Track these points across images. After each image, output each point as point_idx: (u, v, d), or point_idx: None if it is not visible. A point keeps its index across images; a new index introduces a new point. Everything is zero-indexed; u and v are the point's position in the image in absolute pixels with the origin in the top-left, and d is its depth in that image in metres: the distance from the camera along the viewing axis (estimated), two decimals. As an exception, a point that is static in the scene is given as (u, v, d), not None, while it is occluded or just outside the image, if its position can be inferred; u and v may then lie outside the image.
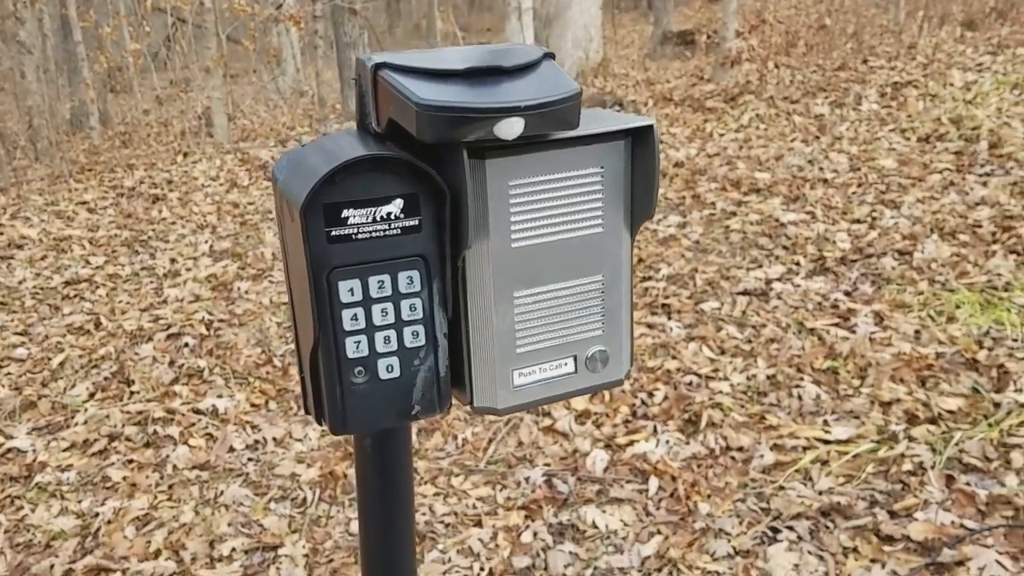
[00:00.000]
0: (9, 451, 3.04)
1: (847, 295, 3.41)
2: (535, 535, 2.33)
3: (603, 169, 0.79)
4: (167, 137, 8.90)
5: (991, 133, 4.76)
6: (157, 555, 2.44)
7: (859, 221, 4.08)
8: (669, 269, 3.86)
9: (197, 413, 3.17)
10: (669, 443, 2.63)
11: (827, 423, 2.62)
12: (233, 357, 3.58)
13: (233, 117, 8.90)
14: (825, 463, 2.45)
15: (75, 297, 4.50)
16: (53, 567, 2.42)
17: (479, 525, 2.40)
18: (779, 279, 3.63)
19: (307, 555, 2.38)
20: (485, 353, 0.80)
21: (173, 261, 4.92)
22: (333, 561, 2.35)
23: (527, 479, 2.56)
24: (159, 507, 2.66)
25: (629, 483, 2.49)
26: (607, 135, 0.78)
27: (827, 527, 2.21)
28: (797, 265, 3.74)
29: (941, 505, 2.21)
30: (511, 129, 0.68)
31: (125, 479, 2.81)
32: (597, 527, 2.33)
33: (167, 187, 6.67)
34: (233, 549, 2.43)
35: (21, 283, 4.74)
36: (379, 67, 0.72)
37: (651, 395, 2.88)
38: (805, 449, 2.52)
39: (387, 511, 0.92)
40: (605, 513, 2.37)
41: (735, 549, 2.18)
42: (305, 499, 2.62)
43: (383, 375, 0.77)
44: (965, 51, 6.91)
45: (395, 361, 0.78)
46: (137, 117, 9.90)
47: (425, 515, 2.46)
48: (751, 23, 7.97)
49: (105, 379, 3.50)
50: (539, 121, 0.70)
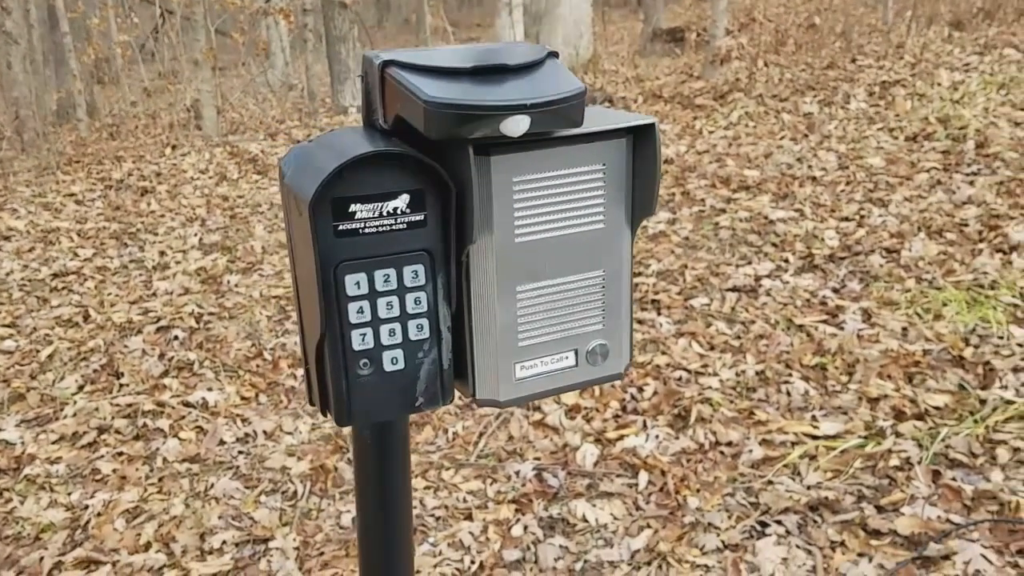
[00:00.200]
0: (-2, 443, 3.04)
1: (835, 292, 3.44)
2: (525, 528, 2.34)
3: (605, 166, 0.80)
4: (155, 129, 8.86)
5: (978, 133, 4.80)
6: (147, 548, 2.44)
7: (847, 219, 4.11)
8: (659, 265, 3.88)
9: (187, 406, 3.17)
10: (659, 438, 2.64)
11: (815, 419, 2.64)
12: (223, 350, 3.58)
13: (222, 110, 8.86)
14: (813, 458, 2.47)
15: (63, 289, 4.48)
16: (43, 559, 2.41)
17: (470, 518, 2.42)
18: (768, 276, 3.65)
19: (298, 548, 2.39)
20: (488, 346, 0.81)
21: (162, 254, 4.91)
22: (324, 554, 2.35)
23: (517, 473, 2.58)
24: (149, 500, 2.66)
25: (619, 477, 2.51)
26: (609, 133, 0.79)
27: (815, 521, 2.23)
28: (786, 262, 3.76)
29: (927, 500, 2.24)
30: (517, 126, 0.70)
31: (115, 472, 2.81)
32: (587, 521, 2.35)
33: (156, 180, 6.64)
34: (224, 542, 2.44)
35: (9, 275, 4.72)
36: (387, 64, 0.73)
37: (641, 390, 2.90)
38: (793, 444, 2.54)
39: (385, 501, 0.94)
40: (595, 507, 2.39)
41: (724, 543, 2.20)
42: (296, 492, 2.63)
43: (388, 367, 0.79)
44: (953, 51, 6.96)
45: (400, 353, 0.79)
46: (125, 109, 9.84)
47: (416, 508, 2.47)
48: (741, 21, 8.00)
49: (94, 371, 3.50)
50: (544, 119, 0.71)
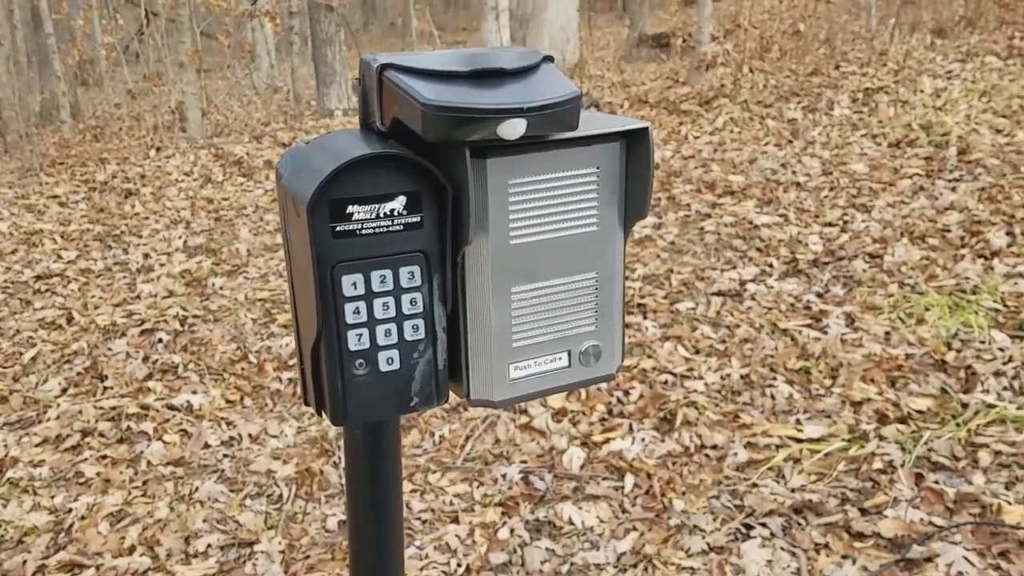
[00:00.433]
0: (-20, 446, 3.01)
1: (819, 297, 3.46)
2: (512, 531, 2.35)
3: (599, 169, 0.81)
4: (139, 132, 8.81)
5: (960, 139, 4.85)
6: (132, 551, 2.42)
7: (831, 224, 4.14)
8: (645, 269, 3.90)
9: (171, 409, 3.15)
10: (645, 441, 2.66)
11: (799, 422, 2.66)
12: (208, 353, 3.56)
13: (207, 112, 8.82)
14: (797, 461, 2.49)
15: (46, 292, 4.45)
16: (26, 563, 2.40)
17: (456, 522, 2.42)
18: (753, 280, 3.67)
19: (283, 551, 2.38)
20: (482, 347, 0.82)
21: (147, 256, 4.89)
22: (310, 557, 2.35)
23: (504, 476, 2.58)
24: (133, 503, 2.64)
25: (605, 480, 2.52)
26: (604, 136, 0.80)
27: (799, 524, 2.25)
28: (770, 267, 3.79)
29: (910, 503, 2.26)
30: (514, 130, 0.70)
31: (99, 475, 2.79)
32: (573, 523, 2.36)
33: (140, 182, 6.61)
34: (209, 545, 2.43)
35: (-9, 277, 4.69)
36: (384, 68, 0.74)
37: (627, 393, 2.91)
38: (778, 447, 2.56)
39: (377, 501, 0.94)
40: (581, 510, 2.40)
41: (709, 545, 2.22)
42: (281, 496, 2.62)
43: (383, 367, 0.79)
44: (935, 58, 7.02)
45: (395, 354, 0.79)
46: (109, 111, 9.79)
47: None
48: (726, 27, 8.05)
49: (78, 374, 3.47)
50: (540, 122, 0.72)
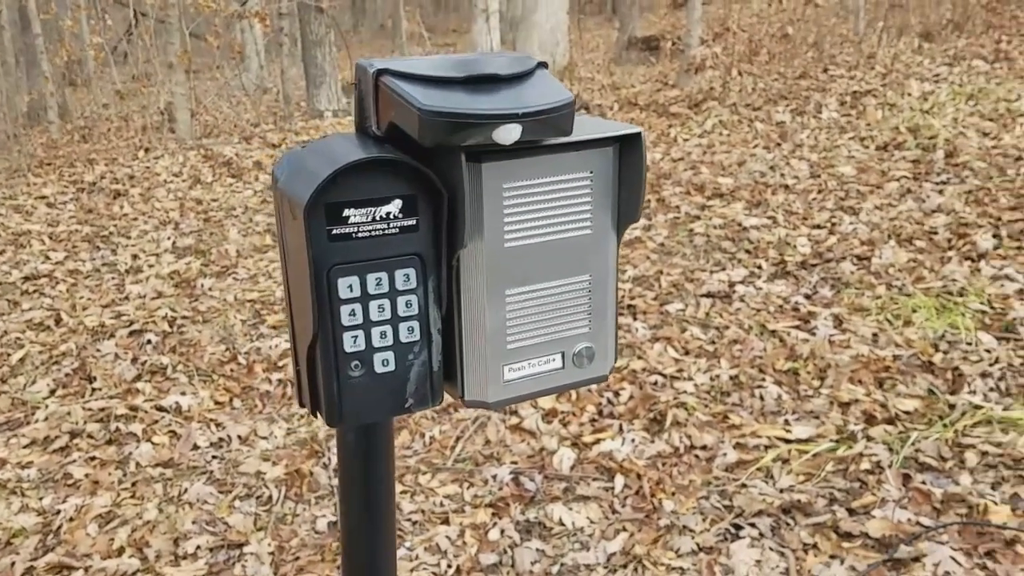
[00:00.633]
0: (-32, 448, 3.00)
1: (807, 298, 3.48)
2: (502, 532, 2.35)
3: (592, 174, 0.82)
4: (128, 132, 8.78)
5: (947, 142, 4.89)
6: (120, 552, 2.42)
7: (819, 226, 4.16)
8: (635, 271, 3.91)
9: (160, 410, 3.14)
10: (635, 442, 2.67)
11: (788, 423, 2.68)
12: (197, 354, 3.56)
13: (196, 113, 8.80)
14: (786, 462, 2.50)
15: (35, 293, 4.43)
16: (14, 564, 2.39)
17: (446, 523, 2.42)
18: (742, 282, 3.69)
19: (273, 553, 2.38)
20: (477, 349, 0.82)
21: (135, 257, 4.87)
22: (299, 559, 2.35)
23: (494, 477, 2.59)
24: (122, 504, 2.64)
25: (595, 481, 2.53)
26: (597, 141, 0.81)
27: (788, 524, 2.26)
28: (759, 268, 3.81)
29: (898, 503, 2.28)
30: (509, 135, 0.71)
31: (87, 476, 2.78)
32: (564, 524, 2.36)
33: (129, 183, 6.58)
34: (198, 547, 2.42)
35: (-22, 278, 4.66)
36: (380, 73, 0.75)
37: (617, 394, 2.92)
38: (767, 448, 2.57)
39: (370, 502, 0.94)
40: (572, 511, 2.41)
41: (699, 546, 2.23)
42: (271, 497, 2.62)
43: (379, 369, 0.80)
44: (923, 62, 7.07)
45: (391, 356, 0.80)
46: (97, 111, 9.74)
47: (393, 513, 2.47)
48: (715, 31, 8.09)
49: (66, 376, 3.46)
50: (535, 127, 0.73)
